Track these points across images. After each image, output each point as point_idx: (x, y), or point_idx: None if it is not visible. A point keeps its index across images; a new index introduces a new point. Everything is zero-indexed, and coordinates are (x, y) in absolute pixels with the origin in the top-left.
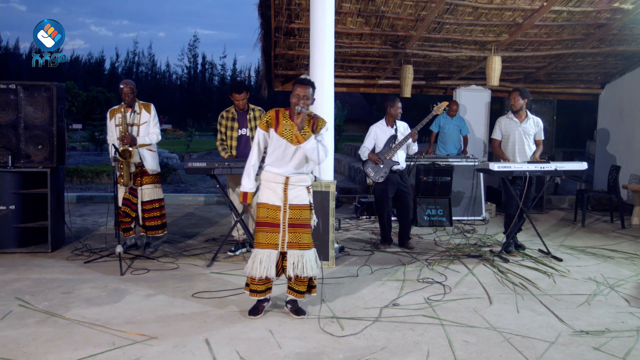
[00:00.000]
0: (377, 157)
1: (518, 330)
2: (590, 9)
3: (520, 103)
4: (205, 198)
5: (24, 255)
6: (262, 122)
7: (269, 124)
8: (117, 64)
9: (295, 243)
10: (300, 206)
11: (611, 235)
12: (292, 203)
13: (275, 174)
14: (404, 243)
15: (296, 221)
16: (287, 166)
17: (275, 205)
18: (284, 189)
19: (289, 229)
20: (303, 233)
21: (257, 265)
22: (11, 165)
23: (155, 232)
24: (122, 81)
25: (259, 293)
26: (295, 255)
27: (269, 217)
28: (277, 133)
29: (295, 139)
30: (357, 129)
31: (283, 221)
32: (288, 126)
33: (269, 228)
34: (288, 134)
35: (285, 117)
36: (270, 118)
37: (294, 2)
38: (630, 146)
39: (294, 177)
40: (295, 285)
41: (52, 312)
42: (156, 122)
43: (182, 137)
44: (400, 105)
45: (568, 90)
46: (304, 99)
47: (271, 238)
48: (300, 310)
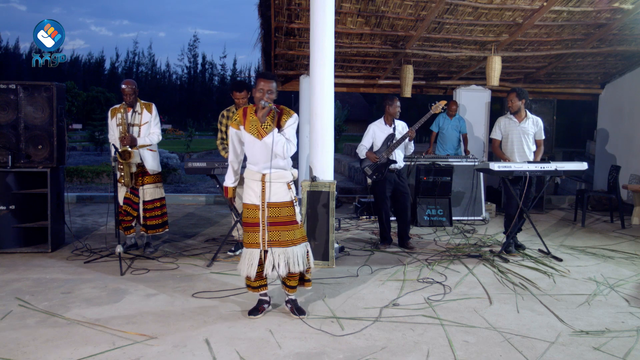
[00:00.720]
0: (375, 156)
1: (518, 330)
2: (590, 9)
3: (518, 104)
4: (205, 198)
5: (24, 255)
6: (233, 120)
7: (239, 122)
8: (117, 64)
9: (276, 241)
10: (279, 204)
11: (611, 235)
12: (270, 201)
13: (253, 172)
14: (403, 243)
15: (275, 219)
16: (260, 162)
17: (254, 205)
18: (262, 186)
19: (269, 227)
20: (284, 231)
21: (243, 263)
22: (11, 165)
23: (155, 230)
24: (124, 81)
25: (252, 288)
26: (276, 253)
27: (249, 217)
28: (245, 129)
29: (259, 133)
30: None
31: (262, 220)
32: (254, 122)
33: (250, 228)
34: (254, 130)
35: (251, 113)
36: (239, 115)
37: (294, 2)
38: (630, 146)
39: (271, 174)
40: (287, 280)
41: (52, 312)
42: (157, 122)
43: (182, 137)
44: (399, 104)
45: (568, 90)
46: (267, 93)
47: (252, 237)
48: (301, 309)
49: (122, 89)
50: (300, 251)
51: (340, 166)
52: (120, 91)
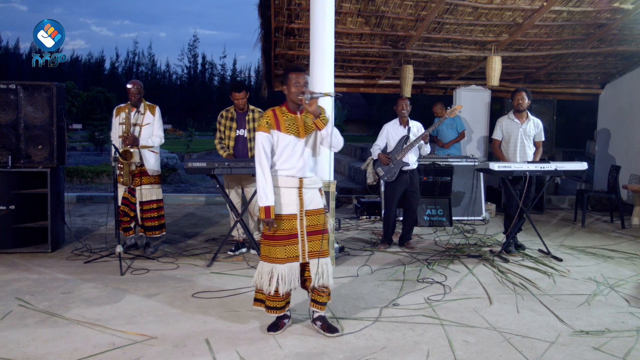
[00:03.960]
0: (387, 158)
1: (518, 330)
2: (590, 9)
3: (527, 103)
4: (205, 198)
5: (24, 255)
6: (262, 124)
7: (270, 125)
8: (117, 64)
9: (316, 252)
10: (316, 211)
11: (611, 235)
12: (308, 209)
13: (287, 178)
14: (404, 243)
15: (314, 228)
16: (299, 165)
17: (291, 215)
18: (299, 193)
19: (308, 237)
20: (323, 240)
21: (276, 282)
22: (11, 165)
23: (153, 232)
24: (130, 81)
25: (278, 310)
26: (319, 265)
27: (285, 229)
28: (282, 131)
29: (303, 130)
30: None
31: (301, 230)
32: (290, 121)
33: (287, 240)
34: (293, 129)
35: (283, 113)
36: (269, 118)
37: (294, 2)
38: (630, 146)
39: (307, 179)
40: (318, 297)
41: (52, 312)
42: (160, 124)
43: (182, 137)
44: (405, 103)
45: (568, 90)
46: (305, 85)
47: (290, 251)
48: (332, 327)
49: (127, 89)
50: (329, 262)
51: (340, 166)
52: (125, 91)
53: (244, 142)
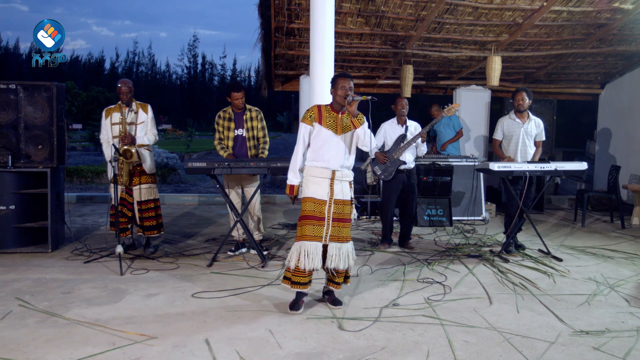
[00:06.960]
0: (383, 157)
1: (518, 330)
2: (590, 9)
3: (528, 103)
4: (205, 198)
5: (24, 255)
6: (306, 117)
7: (313, 118)
8: (117, 64)
9: (335, 236)
10: (344, 201)
11: (611, 235)
12: (337, 198)
13: (321, 169)
14: (404, 243)
15: (339, 215)
16: (333, 158)
17: (322, 200)
18: (330, 184)
19: (333, 222)
20: (343, 227)
21: (304, 257)
22: (11, 165)
23: (151, 232)
24: (120, 80)
25: (302, 285)
26: (335, 248)
27: (315, 211)
28: (323, 125)
29: (341, 128)
30: None
31: (328, 215)
32: (332, 118)
33: (315, 221)
34: (332, 125)
35: (327, 111)
36: (314, 112)
37: (294, 2)
38: (630, 146)
39: (339, 172)
40: (335, 277)
41: (52, 312)
42: (154, 122)
43: (182, 137)
44: (403, 102)
45: (568, 90)
46: (350, 89)
47: (317, 231)
48: (337, 300)
49: (118, 88)
50: (351, 248)
51: None
52: (116, 90)
53: (242, 141)
